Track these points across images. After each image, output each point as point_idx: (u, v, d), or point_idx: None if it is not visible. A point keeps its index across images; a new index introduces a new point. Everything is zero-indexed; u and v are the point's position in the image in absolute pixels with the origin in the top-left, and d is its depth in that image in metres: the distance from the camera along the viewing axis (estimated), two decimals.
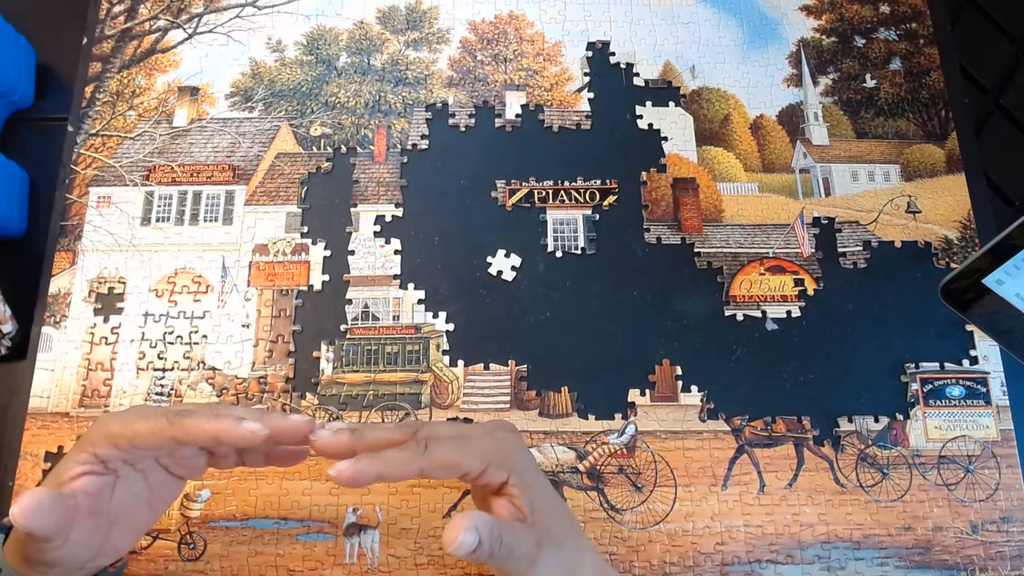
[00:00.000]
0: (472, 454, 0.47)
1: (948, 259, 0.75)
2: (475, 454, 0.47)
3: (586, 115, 0.81)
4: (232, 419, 0.45)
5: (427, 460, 0.45)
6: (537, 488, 0.50)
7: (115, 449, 0.46)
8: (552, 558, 0.48)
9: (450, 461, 0.46)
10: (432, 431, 0.48)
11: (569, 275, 0.75)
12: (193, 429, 0.45)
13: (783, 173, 0.79)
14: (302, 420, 0.46)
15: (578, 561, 0.50)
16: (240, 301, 0.74)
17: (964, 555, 0.65)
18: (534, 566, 0.47)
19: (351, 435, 0.46)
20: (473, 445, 0.48)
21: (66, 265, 0.75)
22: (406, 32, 0.85)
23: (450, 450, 0.47)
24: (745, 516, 0.67)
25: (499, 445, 0.49)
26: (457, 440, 0.48)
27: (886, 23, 0.85)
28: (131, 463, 0.48)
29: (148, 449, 0.47)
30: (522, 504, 0.48)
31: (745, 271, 0.75)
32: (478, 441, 0.49)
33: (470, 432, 0.50)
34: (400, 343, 0.73)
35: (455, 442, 0.47)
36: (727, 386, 0.71)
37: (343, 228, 0.76)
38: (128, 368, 0.72)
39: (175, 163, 0.79)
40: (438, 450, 0.46)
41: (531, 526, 0.48)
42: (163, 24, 0.84)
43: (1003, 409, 0.70)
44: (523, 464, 0.50)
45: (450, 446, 0.47)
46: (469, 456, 0.47)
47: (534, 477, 0.50)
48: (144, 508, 0.50)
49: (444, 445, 0.47)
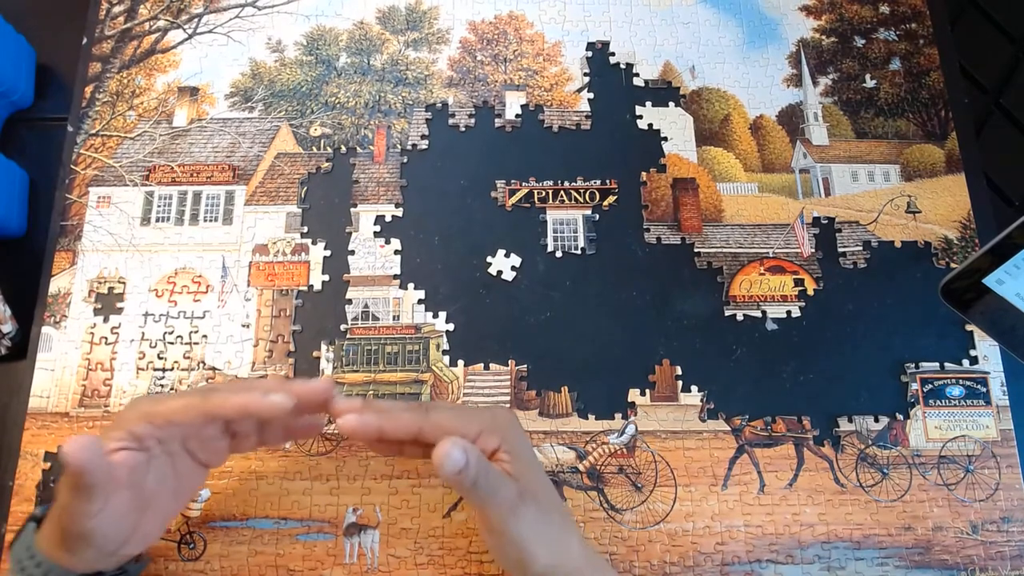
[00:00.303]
0: (468, 420, 0.52)
1: (948, 259, 0.75)
2: (471, 421, 0.52)
3: (586, 115, 0.81)
4: (259, 392, 0.48)
5: (426, 420, 0.50)
6: (527, 461, 0.54)
7: (150, 426, 0.49)
8: (534, 514, 0.51)
9: (447, 422, 0.50)
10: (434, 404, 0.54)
11: (569, 275, 0.75)
12: (224, 403, 0.48)
13: (783, 173, 0.79)
14: (322, 383, 0.50)
15: (565, 537, 0.53)
16: (240, 301, 0.74)
17: (964, 555, 0.65)
18: (515, 515, 0.50)
19: (363, 400, 0.51)
20: (470, 414, 0.54)
21: (66, 265, 0.75)
22: (406, 32, 0.85)
23: (448, 415, 0.51)
24: (745, 516, 0.67)
25: (494, 416, 0.54)
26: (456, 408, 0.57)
27: (886, 23, 0.85)
28: (163, 441, 0.50)
29: (181, 424, 0.49)
30: (511, 469, 0.51)
31: (745, 271, 0.75)
32: (475, 412, 0.56)
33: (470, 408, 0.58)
34: (400, 343, 0.73)
35: (454, 410, 0.55)
36: (727, 386, 0.71)
37: (343, 228, 0.76)
38: (128, 368, 0.72)
39: (175, 163, 0.79)
40: (437, 413, 0.51)
41: (516, 480, 0.51)
42: (163, 24, 0.84)
43: (1003, 409, 0.70)
44: (515, 436, 0.54)
45: (448, 412, 0.52)
46: (466, 421, 0.51)
47: (526, 452, 0.54)
48: (171, 495, 0.53)
49: (443, 411, 0.52)
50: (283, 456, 0.69)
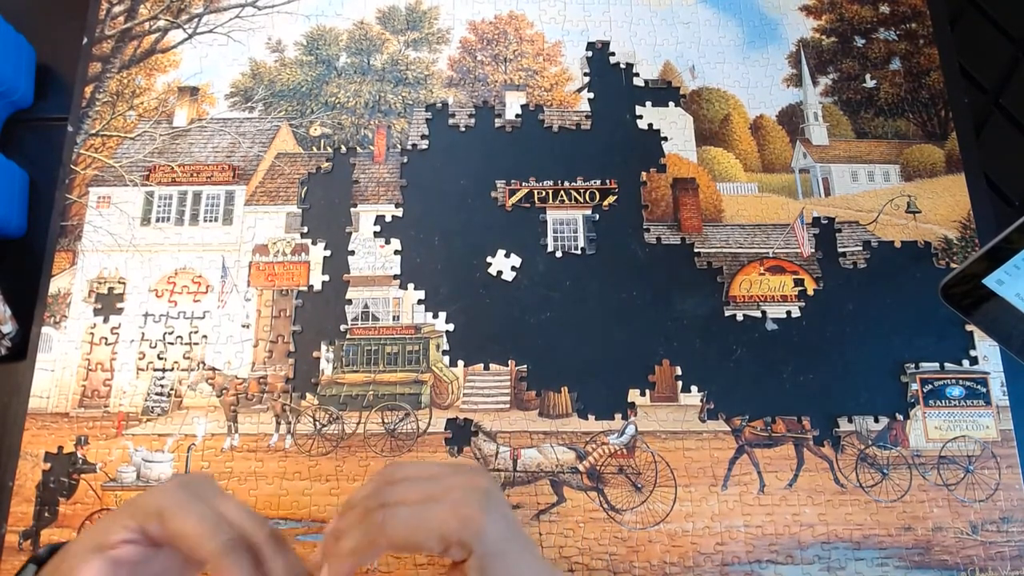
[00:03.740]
0: (428, 533, 0.45)
1: (948, 259, 0.75)
2: (431, 533, 0.45)
3: (586, 115, 0.81)
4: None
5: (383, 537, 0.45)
6: (504, 557, 0.47)
7: (161, 531, 0.44)
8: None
9: (404, 537, 0.45)
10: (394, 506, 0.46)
11: (569, 275, 0.75)
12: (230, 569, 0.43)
13: (783, 173, 0.79)
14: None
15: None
16: (240, 301, 0.74)
17: (964, 555, 0.65)
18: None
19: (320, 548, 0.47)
20: (432, 520, 0.46)
21: (66, 265, 0.75)
22: (406, 32, 0.85)
23: (405, 529, 0.45)
24: (745, 516, 0.67)
25: (463, 518, 0.46)
26: (416, 515, 0.46)
27: (886, 23, 0.85)
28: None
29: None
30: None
31: (745, 271, 0.75)
32: (438, 513, 0.46)
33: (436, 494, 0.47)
34: (400, 343, 0.73)
35: (413, 516, 0.46)
36: (727, 386, 0.71)
37: (343, 228, 0.76)
38: (128, 368, 0.72)
39: (175, 163, 0.79)
40: (394, 526, 0.45)
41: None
42: (163, 24, 0.84)
43: (1003, 409, 0.70)
44: (490, 536, 0.46)
45: (407, 522, 0.46)
46: (426, 535, 0.45)
47: (500, 549, 0.47)
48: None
49: (401, 521, 0.45)
50: (283, 456, 0.69)
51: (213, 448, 0.69)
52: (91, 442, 0.69)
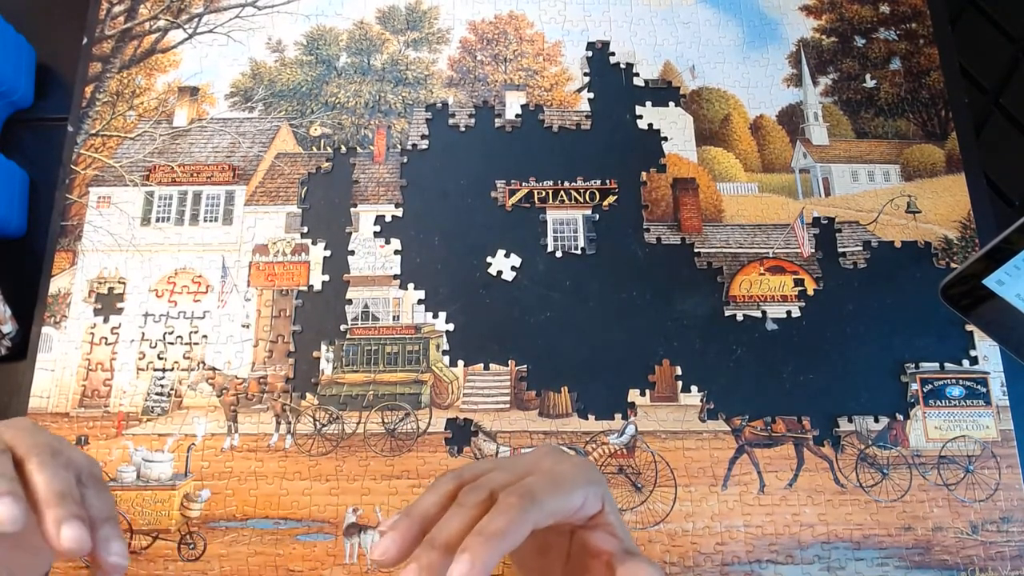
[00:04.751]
0: (570, 494, 0.42)
1: (948, 259, 0.75)
2: (572, 493, 0.42)
3: (586, 115, 0.81)
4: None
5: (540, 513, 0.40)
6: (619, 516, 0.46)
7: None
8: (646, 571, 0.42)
9: (556, 505, 0.41)
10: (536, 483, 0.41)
11: (569, 275, 0.75)
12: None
13: (783, 173, 0.79)
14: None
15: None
16: (240, 301, 0.74)
17: (964, 555, 0.65)
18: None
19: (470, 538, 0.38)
20: (570, 483, 0.42)
21: (66, 265, 0.75)
22: (406, 32, 0.85)
23: (553, 498, 0.41)
24: (745, 516, 0.67)
25: (588, 477, 0.44)
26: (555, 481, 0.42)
27: (886, 23, 0.85)
28: None
29: None
30: (621, 534, 0.44)
31: (745, 271, 0.75)
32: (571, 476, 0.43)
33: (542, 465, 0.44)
34: (400, 343, 0.73)
35: (553, 483, 0.42)
36: (727, 386, 0.71)
37: (343, 228, 0.76)
38: (128, 368, 0.72)
39: (175, 163, 0.79)
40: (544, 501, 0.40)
41: (640, 556, 0.43)
42: (163, 24, 0.84)
43: (1003, 409, 0.70)
44: (606, 487, 0.45)
45: (552, 491, 0.41)
46: (569, 496, 0.42)
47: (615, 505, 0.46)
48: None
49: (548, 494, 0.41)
50: (283, 456, 0.69)
51: (213, 448, 0.69)
52: (91, 442, 0.69)
